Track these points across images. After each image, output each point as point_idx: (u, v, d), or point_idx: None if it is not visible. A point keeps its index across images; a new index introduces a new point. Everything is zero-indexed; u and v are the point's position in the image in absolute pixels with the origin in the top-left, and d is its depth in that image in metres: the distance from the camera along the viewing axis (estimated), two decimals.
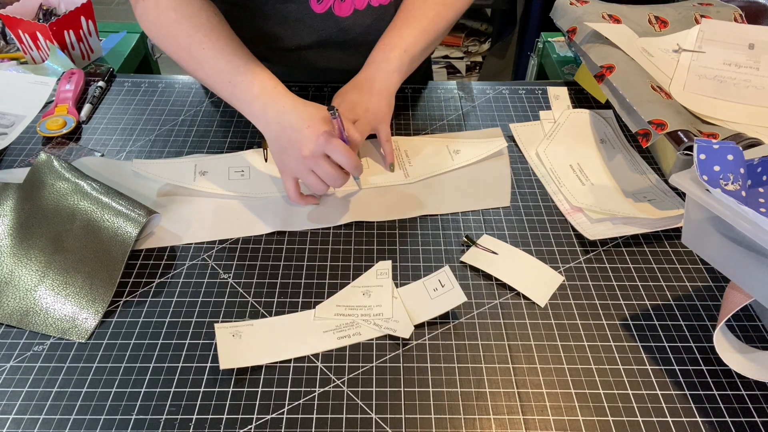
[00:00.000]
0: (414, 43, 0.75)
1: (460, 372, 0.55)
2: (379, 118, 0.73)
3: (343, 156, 0.64)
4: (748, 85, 0.80)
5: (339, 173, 0.65)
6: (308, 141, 0.63)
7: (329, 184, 0.66)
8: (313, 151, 0.63)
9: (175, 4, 0.69)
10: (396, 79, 0.75)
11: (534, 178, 0.76)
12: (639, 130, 0.72)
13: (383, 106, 0.74)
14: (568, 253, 0.66)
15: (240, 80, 0.67)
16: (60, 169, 0.68)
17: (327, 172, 0.64)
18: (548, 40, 1.16)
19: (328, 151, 0.63)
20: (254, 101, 0.67)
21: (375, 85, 0.74)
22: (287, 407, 0.52)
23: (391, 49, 0.75)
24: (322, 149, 0.63)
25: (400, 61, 0.74)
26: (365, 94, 0.73)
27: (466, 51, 2.28)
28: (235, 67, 0.67)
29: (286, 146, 0.65)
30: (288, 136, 0.65)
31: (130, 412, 0.51)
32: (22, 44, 0.96)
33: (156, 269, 0.64)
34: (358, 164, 0.65)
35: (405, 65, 0.75)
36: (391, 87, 0.74)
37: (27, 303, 0.59)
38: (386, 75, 0.74)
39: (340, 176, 0.65)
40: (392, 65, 0.74)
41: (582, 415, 0.51)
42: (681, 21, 0.90)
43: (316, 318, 0.59)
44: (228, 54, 0.68)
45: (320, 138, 0.63)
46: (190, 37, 0.68)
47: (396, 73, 0.74)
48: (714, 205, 0.49)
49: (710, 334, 0.58)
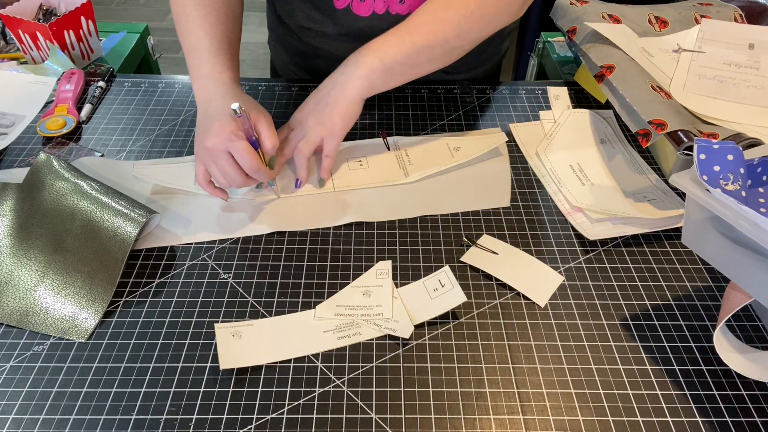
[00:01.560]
0: (394, 53, 0.68)
1: (460, 372, 0.55)
2: (327, 129, 0.70)
3: (242, 157, 0.63)
4: (748, 85, 0.80)
5: (237, 173, 0.64)
6: (213, 134, 0.64)
7: (227, 181, 0.66)
8: (215, 145, 0.63)
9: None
10: (359, 86, 0.69)
11: (534, 178, 0.76)
12: (639, 130, 0.72)
13: (334, 119, 0.69)
14: (568, 253, 0.66)
15: (197, 57, 0.70)
16: (59, 169, 0.68)
17: (224, 169, 0.64)
18: (548, 40, 1.16)
19: (230, 149, 0.63)
20: (198, 79, 0.69)
21: (332, 92, 0.70)
22: (287, 407, 0.52)
23: (366, 53, 0.69)
24: (224, 145, 0.63)
25: (370, 69, 0.68)
26: (321, 102, 0.71)
27: None
28: (201, 45, 0.70)
29: (200, 132, 0.67)
30: (204, 123, 0.66)
31: (130, 412, 0.51)
32: (22, 44, 0.96)
33: (156, 269, 0.64)
34: (258, 168, 0.64)
35: (376, 74, 0.69)
36: (350, 95, 0.69)
37: (27, 303, 0.59)
38: (349, 81, 0.69)
39: (238, 176, 0.64)
40: (360, 71, 0.69)
41: (582, 415, 0.51)
42: (681, 21, 0.90)
43: (316, 318, 0.59)
44: (203, 32, 0.70)
45: (224, 134, 0.63)
46: (185, 7, 0.72)
47: (361, 79, 0.69)
48: (714, 205, 0.49)
49: (710, 334, 0.58)
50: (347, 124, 0.70)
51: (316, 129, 0.70)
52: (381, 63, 0.69)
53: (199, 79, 0.69)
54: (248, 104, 0.67)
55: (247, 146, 0.63)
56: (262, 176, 0.66)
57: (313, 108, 0.71)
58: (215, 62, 0.69)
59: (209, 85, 0.68)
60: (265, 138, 0.66)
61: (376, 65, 0.69)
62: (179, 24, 0.73)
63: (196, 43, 0.71)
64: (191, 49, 0.71)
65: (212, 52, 0.70)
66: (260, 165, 0.64)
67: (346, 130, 0.71)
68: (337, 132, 0.70)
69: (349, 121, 0.71)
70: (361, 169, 0.76)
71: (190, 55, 0.71)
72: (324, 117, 0.70)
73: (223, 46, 0.71)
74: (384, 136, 0.80)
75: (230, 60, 0.71)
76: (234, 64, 0.72)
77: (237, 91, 0.68)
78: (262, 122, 0.66)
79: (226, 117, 0.64)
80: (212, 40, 0.70)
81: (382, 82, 0.70)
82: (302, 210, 0.71)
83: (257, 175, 0.65)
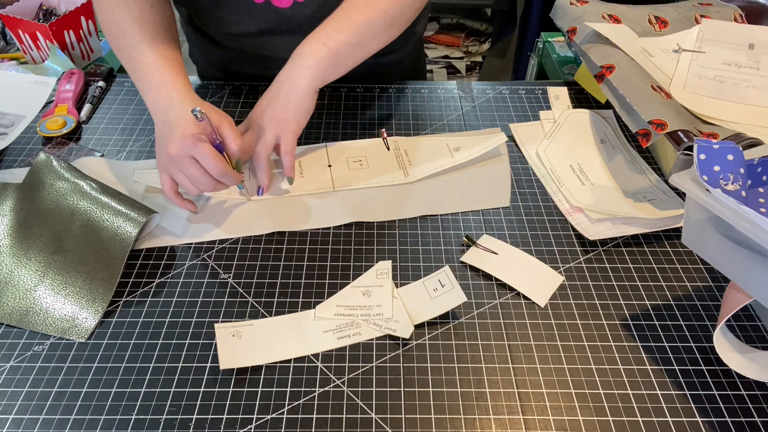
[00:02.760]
0: (336, 35, 0.68)
1: (460, 372, 0.55)
2: (281, 127, 0.69)
3: (207, 161, 0.63)
4: (748, 85, 0.80)
5: (205, 177, 0.64)
6: (175, 141, 0.63)
7: (197, 187, 0.65)
8: (179, 152, 0.63)
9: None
10: (309, 77, 0.68)
11: (534, 178, 0.76)
12: (639, 130, 0.72)
13: (287, 114, 0.68)
14: (568, 253, 0.66)
15: (145, 70, 0.69)
16: (59, 169, 0.68)
17: (192, 175, 0.64)
18: (548, 40, 1.16)
19: (195, 154, 0.63)
20: (150, 91, 0.68)
21: (283, 87, 0.69)
22: (287, 407, 0.52)
23: (309, 43, 0.69)
24: (188, 151, 0.63)
25: (317, 57, 0.68)
26: (273, 99, 0.70)
27: (466, 51, 2.28)
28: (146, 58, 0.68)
29: (160, 141, 0.66)
30: (164, 132, 0.65)
31: (130, 412, 0.51)
32: (22, 44, 0.96)
33: (156, 269, 0.64)
34: (226, 172, 0.64)
35: (324, 61, 0.68)
36: (301, 88, 0.68)
37: (27, 303, 0.59)
38: (298, 74, 0.68)
39: (206, 181, 0.64)
40: (307, 61, 0.68)
41: (582, 415, 0.51)
42: (681, 21, 0.90)
43: (316, 318, 0.59)
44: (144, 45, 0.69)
45: (187, 140, 0.63)
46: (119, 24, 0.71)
47: (310, 69, 0.68)
48: (714, 205, 0.49)
49: (710, 334, 0.58)
50: (300, 118, 0.69)
51: (270, 128, 0.69)
52: (326, 48, 0.68)
53: (151, 91, 0.68)
54: (208, 108, 0.66)
55: (212, 150, 0.63)
56: (230, 179, 0.65)
57: (266, 106, 0.70)
58: (164, 72, 0.68)
59: (164, 94, 0.67)
60: (229, 141, 0.66)
61: (322, 52, 0.68)
62: (116, 41, 0.71)
63: (139, 57, 0.69)
64: (136, 63, 0.70)
65: (159, 63, 0.68)
66: (227, 168, 0.64)
67: (301, 124, 0.70)
68: (291, 128, 0.69)
69: (302, 115, 0.69)
70: (361, 169, 0.76)
71: (136, 70, 0.70)
72: (277, 114, 0.69)
73: (167, 56, 0.70)
74: (384, 136, 0.81)
75: (179, 69, 0.70)
76: (183, 72, 0.71)
77: (193, 97, 0.67)
78: (225, 125, 0.66)
79: (187, 123, 0.63)
80: (156, 51, 0.69)
81: (332, 68, 0.69)
82: (302, 210, 0.71)
83: (225, 178, 0.64)
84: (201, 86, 0.91)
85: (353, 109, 0.87)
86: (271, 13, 0.79)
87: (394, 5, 0.70)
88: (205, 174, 0.64)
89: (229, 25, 0.83)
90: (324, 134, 0.82)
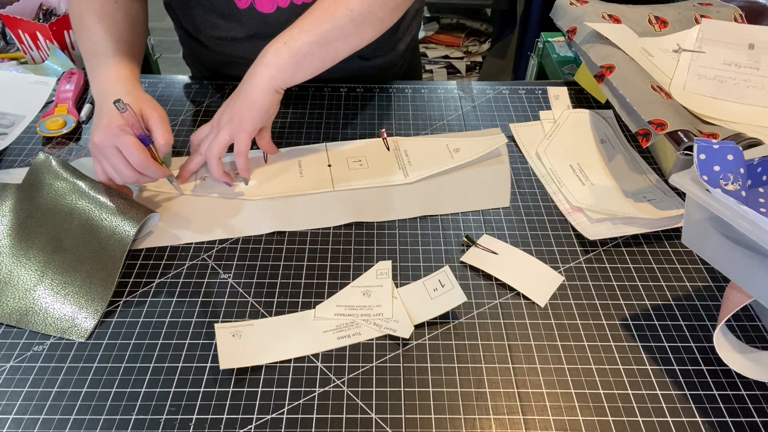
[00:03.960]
0: (298, 33, 0.67)
1: (460, 372, 0.55)
2: (235, 126, 0.68)
3: (129, 152, 0.64)
4: (748, 85, 0.80)
5: (127, 168, 0.65)
6: (100, 130, 0.65)
7: (119, 177, 0.66)
8: (102, 141, 0.64)
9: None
10: (267, 75, 0.67)
11: (534, 178, 0.76)
12: (639, 130, 0.72)
13: (242, 113, 0.68)
14: (568, 253, 0.66)
15: (93, 59, 0.71)
16: (58, 169, 0.68)
17: (115, 165, 0.65)
18: (548, 40, 1.16)
19: (118, 144, 0.64)
20: (94, 80, 0.70)
21: (243, 87, 0.69)
22: (287, 407, 0.52)
23: (272, 42, 0.68)
24: (111, 141, 0.64)
25: (276, 54, 0.67)
26: (233, 99, 0.70)
27: (466, 51, 2.28)
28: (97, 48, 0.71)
29: (92, 128, 0.67)
30: (95, 119, 0.67)
31: (130, 412, 0.51)
32: (22, 44, 0.96)
33: (156, 269, 0.64)
34: (148, 164, 0.64)
35: (283, 59, 0.67)
36: (258, 86, 0.67)
37: (26, 303, 0.59)
38: (257, 72, 0.68)
39: (128, 172, 0.65)
40: (266, 58, 0.68)
41: (582, 415, 0.51)
42: (681, 21, 0.90)
43: (316, 318, 0.59)
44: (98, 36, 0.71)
45: (111, 129, 0.64)
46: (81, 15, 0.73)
47: (268, 67, 0.67)
48: (714, 205, 0.49)
49: (710, 334, 0.58)
50: (256, 117, 0.68)
51: (226, 127, 0.69)
52: (287, 47, 0.67)
53: (95, 79, 0.70)
54: (142, 101, 0.67)
55: (134, 141, 0.64)
56: (153, 172, 0.66)
57: (227, 105, 0.70)
58: (110, 62, 0.70)
59: (105, 84, 0.69)
60: (157, 135, 0.67)
61: (281, 50, 0.67)
62: (77, 31, 0.74)
63: (91, 46, 0.72)
64: (88, 53, 0.72)
65: (108, 53, 0.71)
66: (149, 161, 0.65)
67: (256, 123, 0.69)
68: (244, 127, 0.68)
69: (258, 114, 0.68)
70: (361, 169, 0.76)
71: (88, 60, 0.72)
72: (233, 113, 0.69)
73: (119, 47, 0.72)
74: (384, 136, 0.81)
75: (127, 60, 0.72)
76: (131, 64, 0.72)
77: (131, 88, 0.69)
78: (155, 118, 0.67)
79: (113, 113, 0.65)
80: (107, 42, 0.71)
81: (294, 67, 0.68)
82: (302, 210, 0.71)
83: (148, 170, 0.65)
84: (200, 87, 0.91)
85: (353, 109, 0.87)
86: (256, 18, 0.80)
87: (362, 3, 0.67)
88: (127, 165, 0.65)
89: (218, 29, 0.83)
90: (324, 134, 0.82)
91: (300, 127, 0.83)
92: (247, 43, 0.83)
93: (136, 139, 0.64)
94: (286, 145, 0.80)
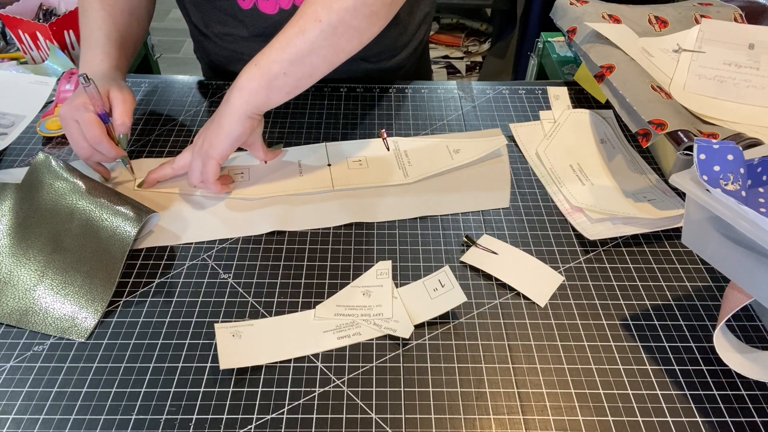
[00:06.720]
0: (269, 52, 0.64)
1: (460, 372, 0.55)
2: (204, 153, 0.67)
3: (85, 126, 0.67)
4: (748, 85, 0.80)
5: (83, 142, 0.68)
6: (67, 103, 0.69)
7: (76, 150, 0.69)
8: (65, 113, 0.68)
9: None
10: (240, 100, 0.65)
11: (534, 178, 0.76)
12: (639, 130, 0.72)
13: (212, 139, 0.67)
14: (568, 253, 0.66)
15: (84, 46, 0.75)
16: (58, 169, 0.68)
17: (72, 137, 0.69)
18: (548, 40, 1.16)
19: (77, 118, 0.67)
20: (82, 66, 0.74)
21: (218, 111, 0.67)
22: (287, 407, 0.52)
23: (248, 64, 0.66)
24: (72, 114, 0.67)
25: (248, 77, 0.65)
26: (210, 121, 0.69)
27: (466, 51, 2.28)
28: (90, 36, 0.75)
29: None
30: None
31: (130, 412, 0.51)
32: (22, 44, 0.96)
33: (156, 269, 0.64)
34: (100, 141, 0.67)
35: (254, 80, 0.64)
36: (230, 111, 0.65)
37: (26, 302, 0.59)
38: (231, 96, 0.65)
39: (83, 146, 0.68)
40: (238, 82, 0.65)
41: (582, 415, 0.51)
42: (681, 21, 0.90)
43: (316, 318, 0.59)
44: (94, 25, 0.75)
45: (74, 103, 0.68)
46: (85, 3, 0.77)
47: (239, 91, 0.65)
48: (714, 205, 0.49)
49: (710, 334, 0.58)
50: (224, 144, 0.66)
51: (199, 153, 0.68)
52: (257, 68, 0.64)
53: (83, 65, 0.74)
54: (114, 85, 0.71)
55: (93, 117, 0.67)
56: (105, 149, 0.68)
57: (205, 129, 0.69)
58: (98, 51, 0.74)
59: (89, 55, 0.74)
60: (116, 114, 0.70)
61: (253, 72, 0.65)
62: (80, 16, 0.78)
63: (86, 34, 0.76)
64: (83, 38, 0.76)
65: (99, 42, 0.74)
66: (102, 138, 0.67)
67: (224, 151, 0.67)
68: (212, 154, 0.67)
69: (227, 141, 0.66)
70: (361, 169, 0.76)
71: (81, 45, 0.76)
72: (206, 139, 0.68)
73: (111, 37, 0.75)
74: (384, 136, 0.81)
75: (117, 51, 0.75)
76: (120, 55, 0.76)
77: (112, 63, 0.73)
78: (118, 99, 0.70)
79: (81, 91, 0.68)
80: (101, 32, 0.75)
81: (265, 89, 0.65)
82: (302, 210, 0.71)
83: (100, 147, 0.68)
84: (200, 87, 0.91)
85: (353, 109, 0.87)
86: (260, 19, 0.81)
87: (329, 12, 0.62)
88: (83, 138, 0.68)
89: (225, 26, 0.85)
90: (324, 134, 0.82)
91: (300, 127, 0.83)
92: (253, 42, 0.83)
93: (94, 116, 0.67)
94: (286, 145, 0.80)
